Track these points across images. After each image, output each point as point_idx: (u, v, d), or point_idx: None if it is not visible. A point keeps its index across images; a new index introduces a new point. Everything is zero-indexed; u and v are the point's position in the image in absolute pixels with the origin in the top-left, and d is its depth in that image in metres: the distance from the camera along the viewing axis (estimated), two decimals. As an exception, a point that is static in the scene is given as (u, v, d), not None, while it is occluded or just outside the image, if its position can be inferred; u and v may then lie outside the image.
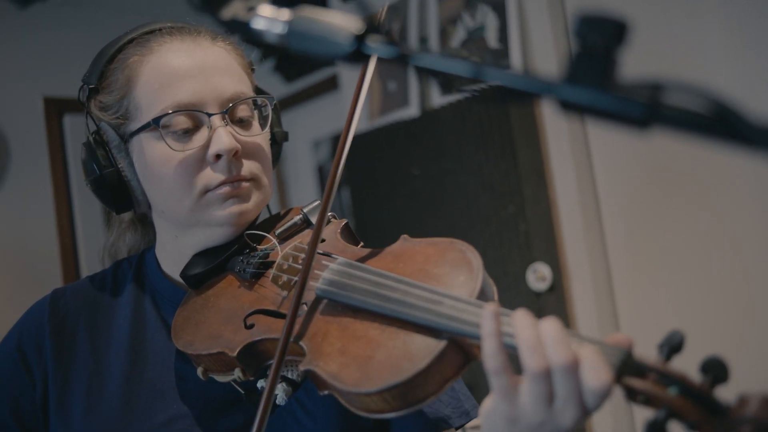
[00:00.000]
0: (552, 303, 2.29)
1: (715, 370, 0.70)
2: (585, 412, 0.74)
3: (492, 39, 2.34)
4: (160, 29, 1.10)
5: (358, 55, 0.59)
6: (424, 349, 0.84)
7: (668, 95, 0.49)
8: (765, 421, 0.64)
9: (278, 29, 0.62)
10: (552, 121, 2.27)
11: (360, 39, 0.59)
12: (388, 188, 2.63)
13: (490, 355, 0.76)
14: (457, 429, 1.08)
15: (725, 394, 0.71)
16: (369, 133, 2.71)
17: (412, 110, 2.57)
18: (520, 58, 2.26)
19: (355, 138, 3.19)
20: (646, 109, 0.49)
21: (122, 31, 1.13)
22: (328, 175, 1.06)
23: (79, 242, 3.45)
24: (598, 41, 0.50)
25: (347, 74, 2.86)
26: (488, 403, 0.80)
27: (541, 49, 2.26)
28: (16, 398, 1.07)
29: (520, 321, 0.77)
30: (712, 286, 2.02)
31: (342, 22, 0.60)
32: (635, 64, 0.71)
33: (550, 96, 0.52)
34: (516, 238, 2.34)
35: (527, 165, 2.30)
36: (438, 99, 2.50)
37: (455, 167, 2.44)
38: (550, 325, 0.75)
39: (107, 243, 1.25)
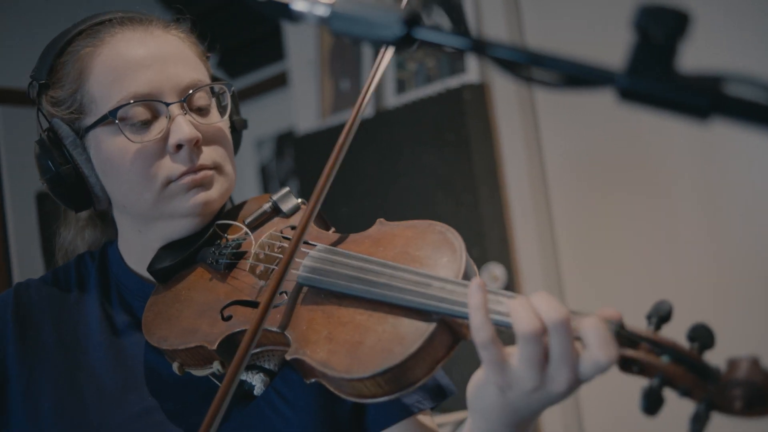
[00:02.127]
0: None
1: (702, 336, 0.73)
2: (577, 379, 0.75)
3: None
4: (110, 19, 1.07)
5: (407, 40, 0.57)
6: (414, 332, 0.85)
7: (730, 86, 0.50)
8: (755, 382, 0.67)
9: (320, 11, 0.60)
10: (505, 122, 2.31)
11: (410, 23, 0.58)
12: (341, 188, 2.61)
13: (478, 328, 0.76)
14: (432, 409, 1.09)
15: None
16: (321, 132, 2.69)
17: (365, 110, 2.56)
18: (476, 59, 2.28)
19: (306, 137, 3.13)
20: (709, 100, 0.50)
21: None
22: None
23: (11, 246, 3.27)
24: (660, 32, 0.51)
25: (298, 71, 2.82)
26: (477, 377, 0.81)
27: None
28: None
29: (509, 294, 0.79)
30: (658, 284, 2.10)
31: (389, 6, 0.58)
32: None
33: (611, 86, 0.52)
34: (470, 239, 2.36)
35: (481, 165, 2.32)
36: (392, 99, 2.50)
37: (409, 168, 2.44)
38: (539, 293, 0.77)
39: (63, 241, 1.21)
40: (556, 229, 2.31)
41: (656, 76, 0.51)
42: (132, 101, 1.01)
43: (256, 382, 1.02)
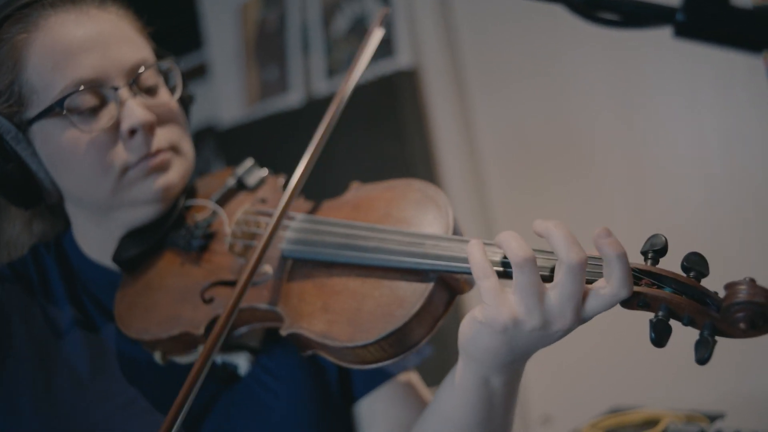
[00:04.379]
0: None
1: (697, 265, 0.74)
2: (579, 319, 0.75)
3: (376, 27, 2.36)
4: (38, 0, 0.99)
5: None
6: (413, 293, 0.85)
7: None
8: (757, 302, 0.68)
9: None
10: (438, 107, 2.34)
11: None
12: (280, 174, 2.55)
13: (481, 275, 0.77)
14: (416, 366, 1.10)
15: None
16: (248, 124, 2.63)
17: (292, 97, 2.52)
18: (407, 45, 2.30)
19: (232, 129, 3.04)
20: (763, 33, 0.52)
21: None
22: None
23: None
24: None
25: (219, 61, 2.75)
26: (471, 318, 0.79)
27: (427, 33, 2.32)
28: None
29: (503, 233, 0.80)
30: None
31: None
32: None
33: (671, 22, 0.53)
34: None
35: (415, 151, 2.34)
36: (323, 87, 2.48)
37: (343, 156, 2.43)
38: (558, 225, 0.77)
39: (9, 237, 1.13)
40: (491, 212, 2.36)
41: (713, 10, 0.53)
42: (79, 88, 0.94)
43: (241, 361, 1.00)
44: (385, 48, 2.35)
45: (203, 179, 1.14)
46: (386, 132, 2.36)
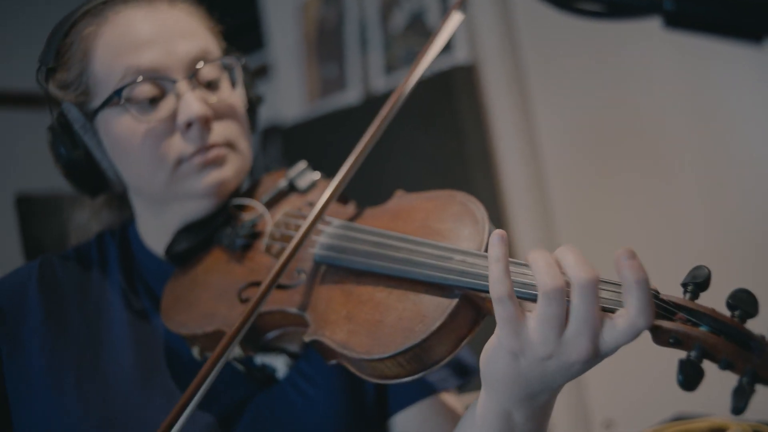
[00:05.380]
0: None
1: (744, 303, 0.67)
2: (596, 350, 0.70)
3: (434, 22, 2.33)
4: None
5: None
6: (435, 308, 0.81)
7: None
8: None
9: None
10: (496, 102, 2.28)
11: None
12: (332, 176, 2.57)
13: (496, 280, 0.71)
14: (458, 387, 1.07)
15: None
16: (309, 122, 2.65)
17: (351, 94, 2.52)
18: (465, 41, 2.26)
19: (294, 127, 3.08)
20: (762, 19, 0.47)
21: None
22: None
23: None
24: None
25: (283, 60, 2.78)
26: (490, 343, 0.76)
27: (485, 29, 2.27)
28: None
29: (537, 252, 0.73)
30: (658, 259, 2.09)
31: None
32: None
33: (658, 11, 0.49)
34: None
35: (473, 147, 2.30)
36: (381, 84, 2.47)
37: (401, 152, 2.42)
38: (569, 250, 0.71)
39: (78, 224, 1.18)
40: (553, 208, 2.29)
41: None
42: (137, 79, 0.97)
43: (279, 364, 1.00)
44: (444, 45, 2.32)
45: (260, 179, 1.15)
46: (444, 129, 2.33)
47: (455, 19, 1.01)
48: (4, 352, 0.98)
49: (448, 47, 2.30)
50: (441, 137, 2.34)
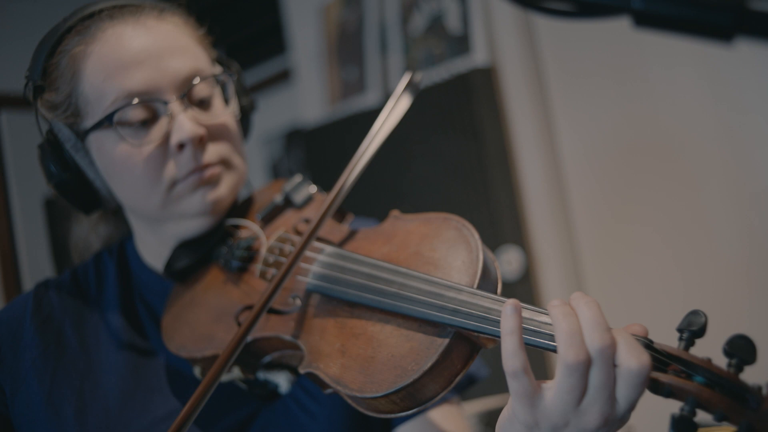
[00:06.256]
0: (521, 289, 2.28)
1: (741, 350, 0.65)
2: (612, 413, 0.68)
3: (453, 24, 2.32)
4: (100, 11, 1.01)
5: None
6: (428, 346, 0.80)
7: (755, 1, 0.47)
8: None
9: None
10: (516, 104, 2.27)
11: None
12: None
13: (511, 355, 0.69)
14: (461, 394, 1.06)
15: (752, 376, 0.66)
16: (329, 124, 2.66)
17: (370, 97, 2.53)
18: (484, 43, 2.25)
19: (317, 129, 3.08)
20: (733, 17, 0.47)
21: (59, 16, 1.04)
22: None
23: (20, 248, 3.27)
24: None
25: (305, 63, 2.80)
26: (504, 414, 0.74)
27: (504, 31, 2.25)
28: None
29: (558, 311, 0.69)
30: (681, 269, 2.05)
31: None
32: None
33: (627, 10, 0.49)
34: (483, 223, 2.33)
35: (492, 149, 2.29)
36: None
37: (420, 155, 2.41)
38: (588, 308, 0.68)
39: (77, 239, 1.18)
40: (573, 213, 2.27)
41: (674, -4, 0.48)
42: (129, 102, 0.95)
43: (281, 380, 1.00)
44: (461, 45, 2.31)
45: (257, 192, 1.15)
46: (462, 131, 2.32)
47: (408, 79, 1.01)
48: (8, 392, 0.98)
49: (466, 49, 2.30)
50: (460, 140, 2.33)
